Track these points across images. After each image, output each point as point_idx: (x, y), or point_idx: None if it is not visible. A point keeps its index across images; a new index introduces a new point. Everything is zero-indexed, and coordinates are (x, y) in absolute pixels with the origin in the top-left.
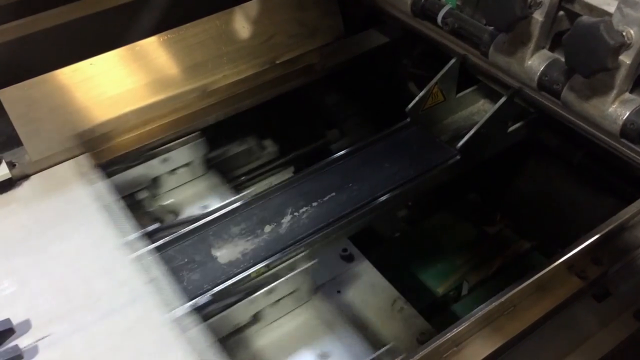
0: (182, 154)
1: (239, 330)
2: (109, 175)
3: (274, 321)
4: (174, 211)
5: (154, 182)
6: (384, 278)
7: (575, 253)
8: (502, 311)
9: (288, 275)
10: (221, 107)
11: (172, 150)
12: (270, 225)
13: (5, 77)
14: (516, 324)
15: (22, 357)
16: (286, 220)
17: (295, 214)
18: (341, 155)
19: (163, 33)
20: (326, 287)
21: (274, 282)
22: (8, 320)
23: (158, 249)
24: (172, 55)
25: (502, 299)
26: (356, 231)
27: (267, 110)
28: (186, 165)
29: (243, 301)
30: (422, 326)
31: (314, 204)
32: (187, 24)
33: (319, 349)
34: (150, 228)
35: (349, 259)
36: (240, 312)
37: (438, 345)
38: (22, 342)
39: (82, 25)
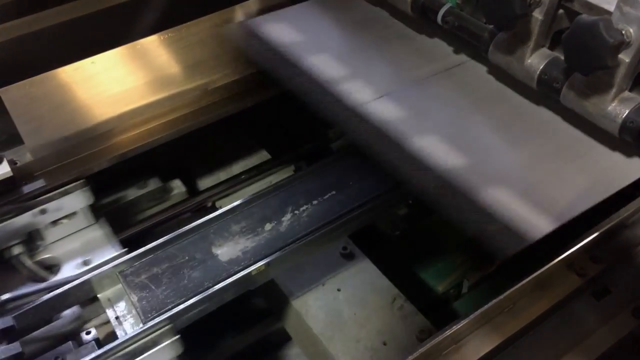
0: None
1: None
2: None
3: None
4: None
5: None
6: (383, 276)
7: (575, 251)
8: (501, 309)
9: None
10: (222, 106)
11: None
12: (270, 223)
13: (6, 76)
14: (515, 322)
15: (23, 355)
16: (287, 218)
17: (296, 212)
18: (341, 154)
19: (163, 32)
20: (326, 285)
21: None
22: (9, 319)
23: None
24: (173, 54)
25: (501, 297)
26: (356, 229)
27: (268, 108)
28: None
29: None
30: (422, 324)
31: (315, 202)
32: (188, 23)
33: None
34: None
35: (349, 257)
36: None
37: (438, 343)
38: None
39: (83, 23)
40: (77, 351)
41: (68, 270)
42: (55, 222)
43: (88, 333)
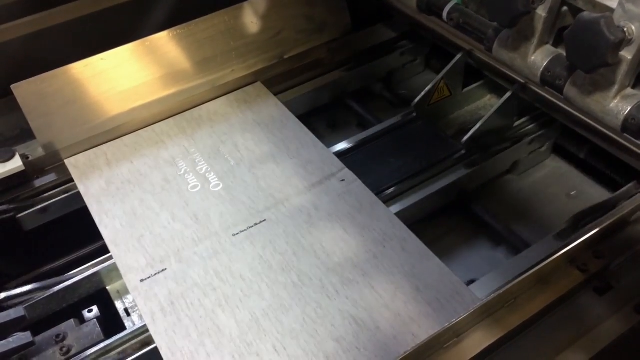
0: None
1: None
2: None
3: None
4: None
5: None
6: None
7: (577, 246)
8: (503, 303)
9: None
10: None
11: None
12: None
13: (18, 72)
14: (517, 316)
15: (34, 344)
16: None
17: None
18: (347, 150)
19: (173, 28)
20: None
21: None
22: (21, 309)
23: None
24: (181, 50)
25: (502, 291)
26: None
27: None
28: None
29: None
30: None
31: None
32: (197, 20)
33: None
34: None
35: None
36: None
37: (439, 335)
38: None
39: (93, 21)
40: (79, 329)
41: None
42: None
43: (90, 311)
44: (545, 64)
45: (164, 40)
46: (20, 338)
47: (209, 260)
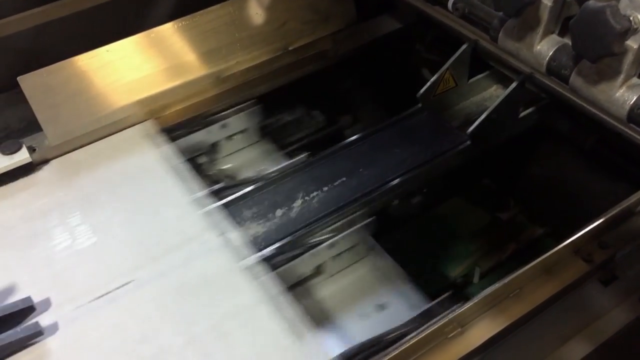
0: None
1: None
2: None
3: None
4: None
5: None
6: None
7: (582, 236)
8: (507, 293)
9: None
10: (234, 94)
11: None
12: (281, 209)
13: (24, 64)
14: (521, 307)
15: (42, 334)
16: (297, 204)
17: (306, 198)
18: (352, 141)
19: (178, 20)
20: None
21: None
22: (29, 299)
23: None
24: (186, 41)
25: (507, 281)
26: (368, 215)
27: (280, 96)
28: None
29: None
30: None
31: (325, 188)
32: (201, 11)
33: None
34: (216, 187)
35: None
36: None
37: (443, 325)
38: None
39: (98, 12)
40: None
41: None
42: None
43: None
44: (550, 53)
45: (169, 31)
46: (29, 327)
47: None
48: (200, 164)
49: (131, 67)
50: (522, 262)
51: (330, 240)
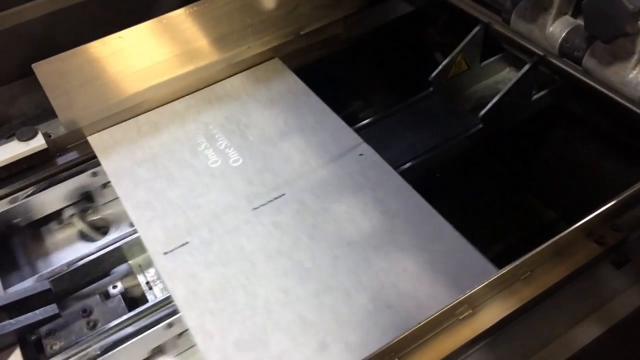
0: None
1: None
2: None
3: None
4: None
5: None
6: None
7: (594, 219)
8: (518, 275)
9: None
10: None
11: None
12: None
13: (38, 52)
14: (532, 289)
15: (60, 316)
16: None
17: None
18: (364, 125)
19: (189, 5)
20: None
21: None
22: (46, 282)
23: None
24: (198, 27)
25: (518, 263)
26: None
27: None
28: None
29: None
30: None
31: None
32: None
33: None
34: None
35: None
36: None
37: (453, 307)
38: None
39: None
40: (105, 304)
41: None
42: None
43: (115, 287)
44: (563, 35)
45: (180, 17)
46: (47, 310)
47: (231, 234)
48: None
49: (143, 53)
50: (535, 245)
51: None
